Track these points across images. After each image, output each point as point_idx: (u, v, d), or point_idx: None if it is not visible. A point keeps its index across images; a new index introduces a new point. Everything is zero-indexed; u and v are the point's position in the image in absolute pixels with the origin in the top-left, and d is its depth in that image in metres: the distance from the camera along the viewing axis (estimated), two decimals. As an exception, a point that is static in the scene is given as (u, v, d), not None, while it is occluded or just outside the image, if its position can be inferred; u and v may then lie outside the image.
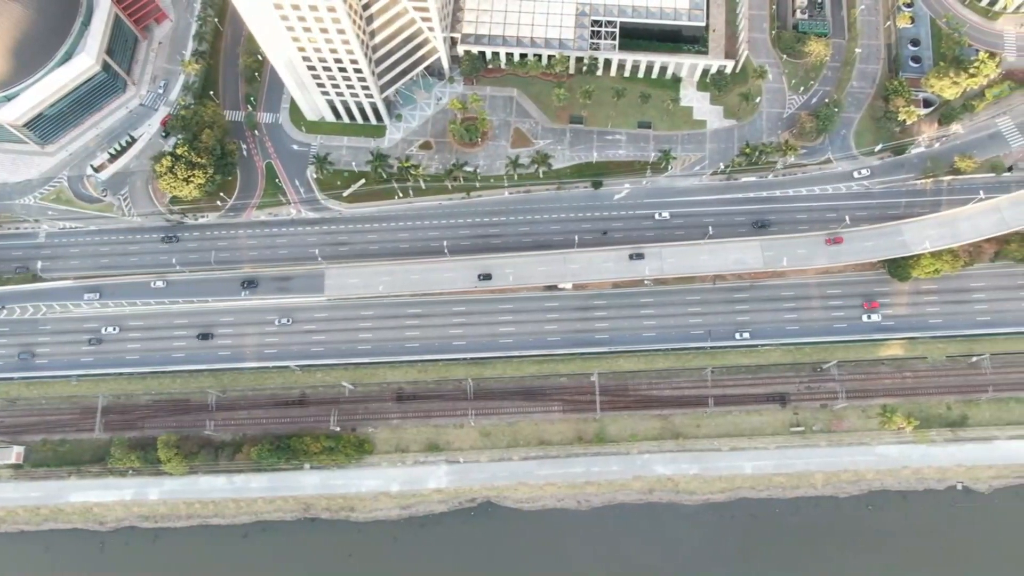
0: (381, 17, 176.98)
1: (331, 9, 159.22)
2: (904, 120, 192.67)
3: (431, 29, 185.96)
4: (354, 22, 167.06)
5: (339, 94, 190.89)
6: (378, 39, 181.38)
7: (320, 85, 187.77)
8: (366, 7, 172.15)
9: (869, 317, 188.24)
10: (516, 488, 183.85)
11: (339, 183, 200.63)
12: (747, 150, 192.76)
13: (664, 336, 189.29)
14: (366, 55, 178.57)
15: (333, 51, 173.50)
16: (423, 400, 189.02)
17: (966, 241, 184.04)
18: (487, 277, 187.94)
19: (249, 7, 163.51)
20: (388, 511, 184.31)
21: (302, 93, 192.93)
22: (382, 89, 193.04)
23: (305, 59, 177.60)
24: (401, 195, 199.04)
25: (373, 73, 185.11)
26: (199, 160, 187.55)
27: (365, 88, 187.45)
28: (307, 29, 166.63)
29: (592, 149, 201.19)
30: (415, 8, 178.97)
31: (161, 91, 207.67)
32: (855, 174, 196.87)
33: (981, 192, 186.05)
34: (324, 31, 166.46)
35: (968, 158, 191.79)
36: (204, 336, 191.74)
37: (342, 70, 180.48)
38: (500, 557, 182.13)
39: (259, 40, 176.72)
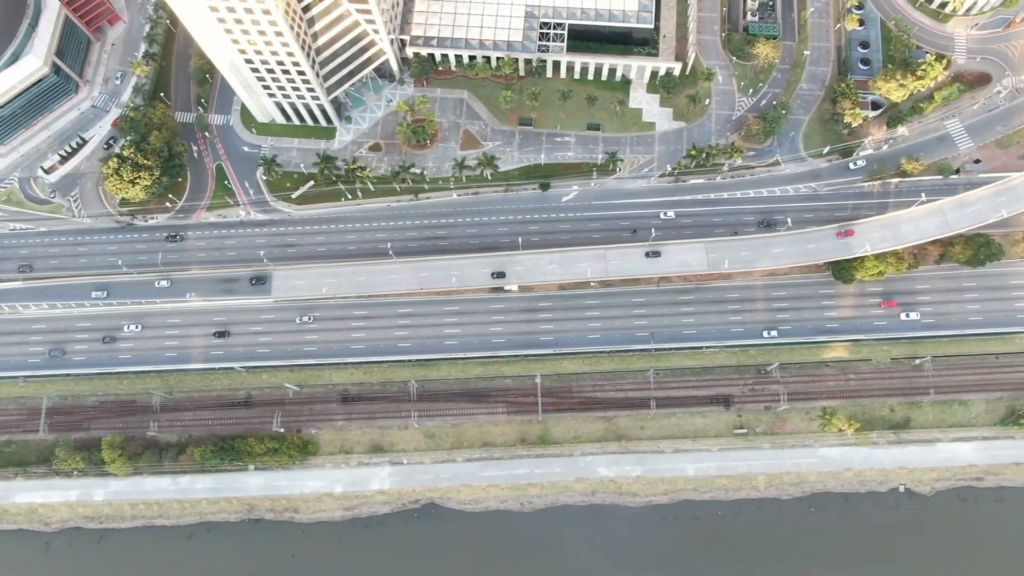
0: (323, 19, 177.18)
1: (266, 12, 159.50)
2: (850, 122, 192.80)
3: (376, 31, 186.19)
4: (293, 24, 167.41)
5: (285, 96, 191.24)
6: (321, 41, 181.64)
7: (266, 87, 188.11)
8: (306, 9, 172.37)
9: (908, 315, 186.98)
10: (459, 490, 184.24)
11: (288, 185, 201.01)
12: (693, 152, 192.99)
13: (609, 338, 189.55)
14: (308, 57, 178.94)
15: (274, 53, 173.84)
16: (368, 402, 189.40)
17: (909, 243, 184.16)
18: (501, 275, 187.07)
19: (187, 10, 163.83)
20: (332, 512, 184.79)
21: (249, 95, 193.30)
22: (329, 91, 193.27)
23: (247, 61, 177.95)
24: (350, 197, 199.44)
25: (317, 75, 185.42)
26: (145, 162, 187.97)
27: (311, 90, 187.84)
28: (245, 32, 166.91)
29: (541, 151, 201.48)
30: (358, 10, 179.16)
31: (119, 81, 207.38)
32: (851, 165, 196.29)
33: (923, 195, 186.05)
34: (262, 33, 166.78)
35: (915, 160, 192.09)
36: (221, 334, 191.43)
37: (285, 72, 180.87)
38: (443, 559, 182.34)
39: (200, 43, 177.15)
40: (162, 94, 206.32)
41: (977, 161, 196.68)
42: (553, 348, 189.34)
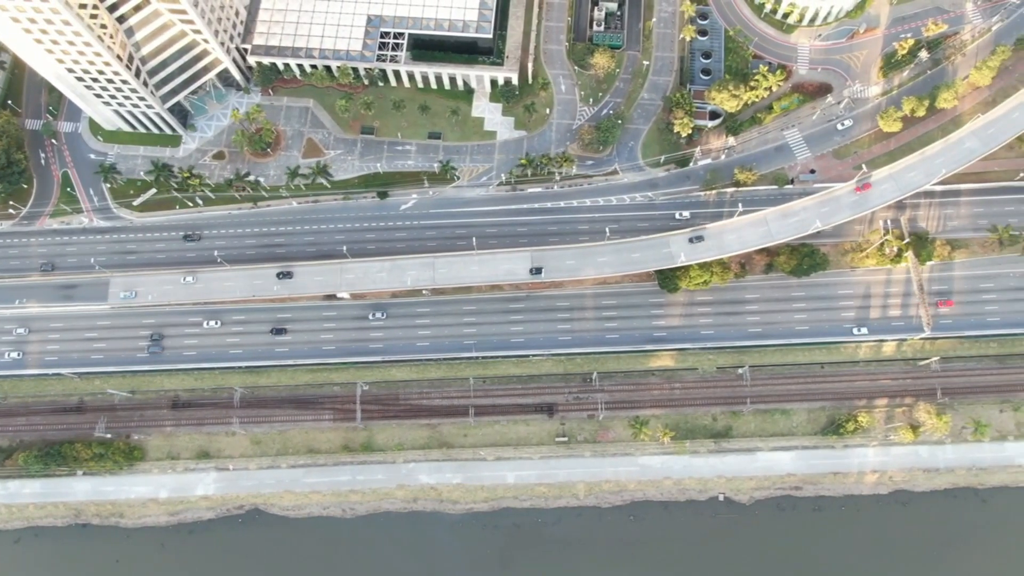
0: (144, 29, 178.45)
1: (67, 23, 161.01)
2: (680, 132, 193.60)
3: (205, 41, 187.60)
4: (103, 35, 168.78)
5: (120, 104, 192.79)
6: (146, 50, 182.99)
7: (97, 96, 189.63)
8: (122, 19, 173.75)
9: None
10: (282, 496, 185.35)
11: (132, 192, 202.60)
12: (524, 161, 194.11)
13: (437, 346, 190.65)
14: (132, 66, 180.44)
15: (91, 63, 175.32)
16: (197, 408, 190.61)
17: (731, 253, 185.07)
18: (538, 271, 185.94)
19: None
20: (156, 518, 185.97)
21: (86, 103, 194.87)
22: (164, 99, 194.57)
23: (69, 71, 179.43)
24: (191, 205, 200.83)
25: (145, 84, 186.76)
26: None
27: (141, 99, 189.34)
28: (55, 42, 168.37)
29: (382, 159, 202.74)
30: (181, 20, 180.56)
31: None
32: (838, 126, 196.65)
33: (740, 205, 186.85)
34: (72, 44, 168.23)
35: (747, 170, 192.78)
36: (278, 331, 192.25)
37: (109, 81, 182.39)
38: (266, 565, 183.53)
39: (17, 52, 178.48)
40: (11, 101, 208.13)
41: (812, 171, 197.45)
42: (382, 356, 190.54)
